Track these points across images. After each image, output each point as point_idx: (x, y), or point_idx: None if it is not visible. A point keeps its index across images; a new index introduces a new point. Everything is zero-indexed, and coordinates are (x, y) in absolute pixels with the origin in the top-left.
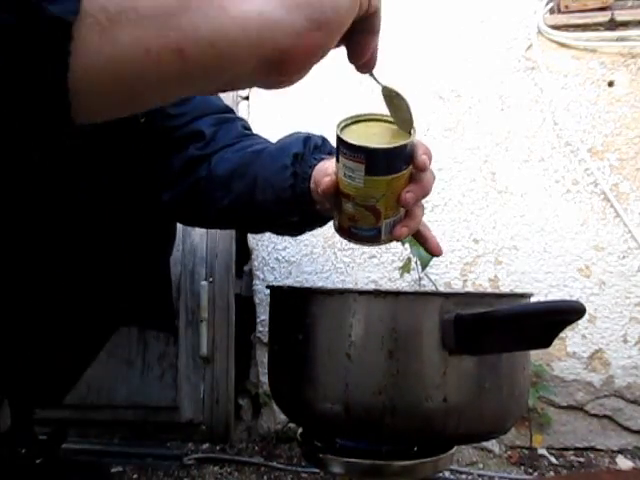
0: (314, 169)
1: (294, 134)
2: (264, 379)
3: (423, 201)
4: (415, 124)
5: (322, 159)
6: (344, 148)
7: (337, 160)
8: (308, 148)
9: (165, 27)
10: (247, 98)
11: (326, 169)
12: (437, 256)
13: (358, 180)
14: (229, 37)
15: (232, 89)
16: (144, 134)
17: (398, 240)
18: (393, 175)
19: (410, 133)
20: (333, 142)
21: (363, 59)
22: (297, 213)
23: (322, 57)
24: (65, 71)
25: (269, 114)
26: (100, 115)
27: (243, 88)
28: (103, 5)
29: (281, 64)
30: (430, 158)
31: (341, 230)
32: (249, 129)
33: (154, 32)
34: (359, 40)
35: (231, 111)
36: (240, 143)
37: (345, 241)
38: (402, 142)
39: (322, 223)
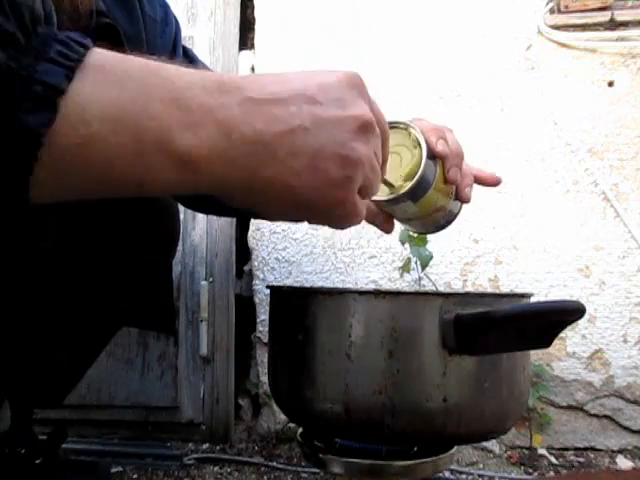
0: None
1: None
2: (264, 379)
3: None
4: (405, 120)
5: None
6: (383, 204)
7: (376, 203)
8: None
9: (134, 162)
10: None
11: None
12: (496, 185)
13: (411, 209)
14: (183, 186)
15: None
16: None
17: (469, 202)
18: (434, 182)
19: (411, 132)
20: None
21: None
22: None
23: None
24: (28, 174)
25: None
26: (58, 200)
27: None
28: (86, 119)
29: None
30: (443, 136)
31: (418, 233)
32: None
33: (124, 162)
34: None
35: None
36: None
37: (345, 241)
38: (422, 163)
39: None
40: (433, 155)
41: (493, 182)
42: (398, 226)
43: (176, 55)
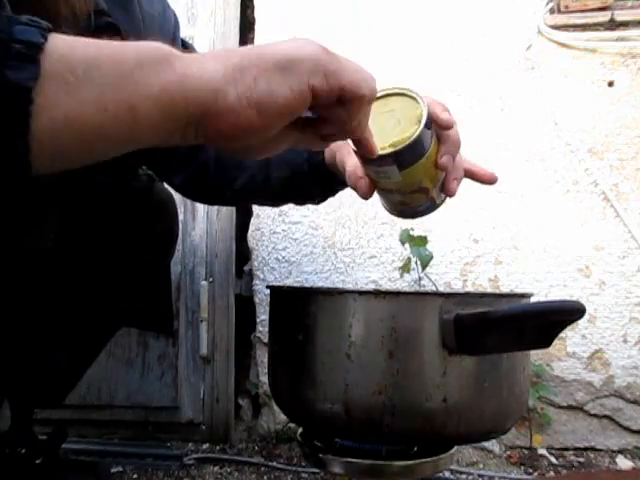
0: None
1: None
2: (264, 379)
3: None
4: (417, 92)
5: None
6: (368, 161)
7: (363, 164)
8: None
9: (122, 85)
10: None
11: (343, 159)
12: (491, 183)
13: (395, 177)
14: (170, 93)
15: (179, 143)
16: None
17: (453, 196)
18: (426, 154)
19: (420, 105)
20: None
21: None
22: (315, 184)
23: (267, 139)
24: (26, 133)
25: None
26: (58, 167)
27: (186, 144)
28: (72, 66)
29: (208, 129)
30: (448, 111)
31: (397, 213)
32: None
33: (112, 91)
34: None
35: None
36: None
37: (345, 241)
38: (419, 128)
39: (343, 186)
40: (434, 126)
41: (488, 179)
42: (398, 227)
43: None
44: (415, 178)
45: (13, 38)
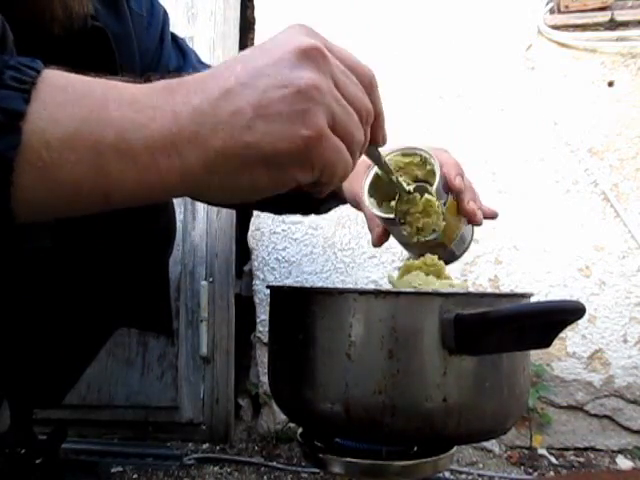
0: None
1: None
2: (264, 379)
3: None
4: (433, 163)
5: None
6: (382, 220)
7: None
8: None
9: (99, 172)
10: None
11: (352, 179)
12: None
13: (408, 236)
14: (150, 186)
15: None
16: None
17: (481, 224)
18: (442, 219)
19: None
20: None
21: None
22: (322, 202)
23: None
24: (7, 200)
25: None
26: (38, 220)
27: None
28: (47, 141)
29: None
30: (463, 174)
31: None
32: None
33: (87, 175)
34: None
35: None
36: None
37: (345, 241)
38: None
39: (346, 203)
40: (447, 188)
41: (490, 215)
42: None
43: (164, 46)
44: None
45: None
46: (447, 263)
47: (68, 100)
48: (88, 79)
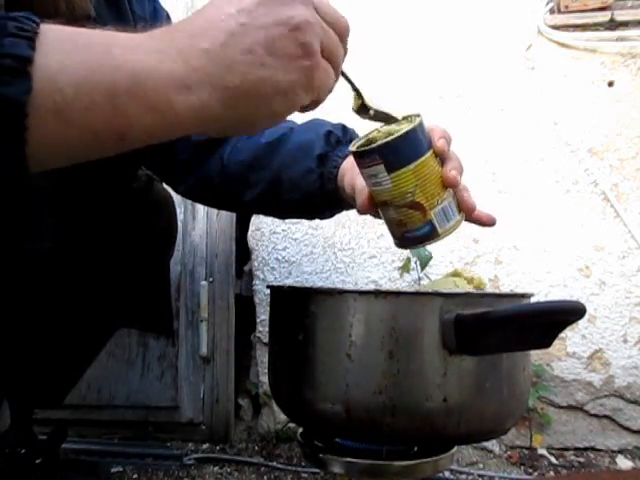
0: (340, 168)
1: (314, 124)
2: (264, 379)
3: None
4: (417, 113)
5: (346, 155)
6: (360, 159)
7: (362, 175)
8: (331, 146)
9: (112, 114)
10: None
11: (354, 182)
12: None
13: (385, 182)
14: (164, 127)
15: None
16: None
17: (473, 211)
18: (415, 162)
19: (412, 121)
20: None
21: None
22: (325, 208)
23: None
24: (23, 145)
25: None
26: (51, 167)
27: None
28: (60, 88)
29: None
30: (449, 141)
31: (399, 241)
32: None
33: (102, 118)
34: None
35: None
36: None
37: (345, 241)
38: (406, 128)
39: (353, 208)
40: (429, 145)
41: (489, 222)
42: None
43: None
44: (405, 186)
45: (3, 53)
46: (427, 238)
47: (72, 48)
48: (86, 30)
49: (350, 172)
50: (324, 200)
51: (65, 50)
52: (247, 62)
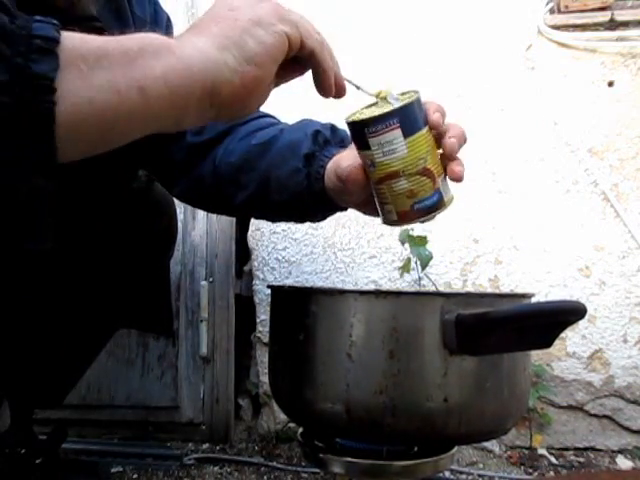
0: (326, 168)
1: (303, 124)
2: (264, 379)
3: None
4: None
5: (333, 155)
6: (372, 127)
7: (364, 149)
8: (318, 145)
9: (130, 70)
10: None
11: (339, 162)
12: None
13: (401, 149)
14: (177, 73)
15: (185, 126)
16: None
17: (459, 180)
18: (425, 128)
19: (411, 95)
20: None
21: (322, 91)
22: (314, 210)
23: (264, 90)
24: (51, 120)
25: None
26: (80, 153)
27: (196, 124)
28: (83, 55)
29: (222, 96)
30: (444, 115)
31: (402, 217)
32: None
33: (122, 75)
34: (314, 75)
35: None
36: (241, 127)
37: (345, 241)
38: (415, 95)
39: (343, 210)
40: (426, 121)
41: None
42: (398, 227)
43: None
44: (419, 152)
45: (33, 34)
46: (435, 208)
47: (90, 38)
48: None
49: (333, 165)
50: (312, 201)
51: (82, 36)
52: (229, 17)
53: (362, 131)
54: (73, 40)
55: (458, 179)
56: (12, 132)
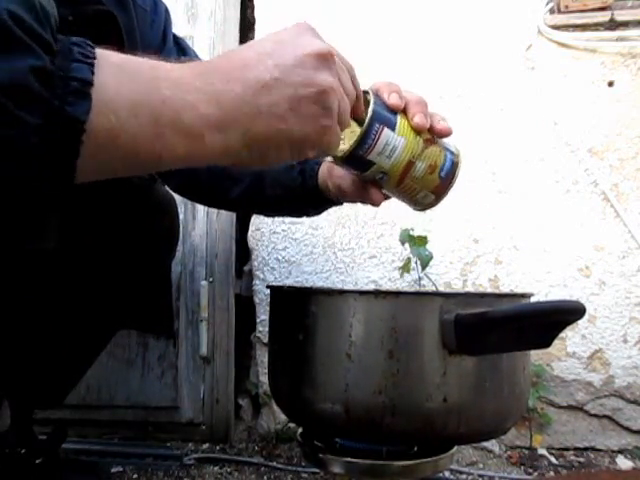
0: (321, 165)
1: None
2: (264, 379)
3: None
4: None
5: None
6: (364, 145)
7: (368, 168)
8: None
9: (155, 140)
10: None
11: (332, 170)
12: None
13: (399, 141)
14: (196, 155)
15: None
16: None
17: (450, 134)
18: (399, 113)
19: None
20: None
21: None
22: (308, 205)
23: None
24: (76, 157)
25: None
26: (91, 179)
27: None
28: (114, 108)
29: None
30: (398, 91)
31: (438, 192)
32: None
33: (145, 141)
34: None
35: None
36: None
37: (345, 241)
38: (370, 93)
39: (338, 204)
40: (391, 110)
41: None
42: (398, 227)
43: (166, 44)
44: (411, 132)
45: (70, 76)
46: (458, 164)
47: (125, 75)
48: (135, 58)
49: (329, 173)
50: (307, 196)
51: (117, 75)
52: (270, 113)
53: (358, 156)
54: (106, 82)
55: (448, 132)
56: (35, 165)
